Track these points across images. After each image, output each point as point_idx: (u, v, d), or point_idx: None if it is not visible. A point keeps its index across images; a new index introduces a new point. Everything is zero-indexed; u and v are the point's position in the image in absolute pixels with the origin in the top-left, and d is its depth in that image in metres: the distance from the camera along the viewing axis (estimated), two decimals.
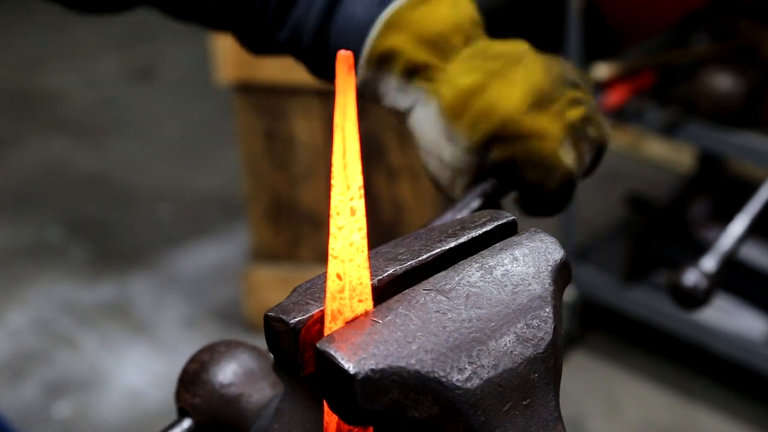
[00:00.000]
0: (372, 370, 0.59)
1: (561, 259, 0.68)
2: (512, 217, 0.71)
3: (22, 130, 4.01)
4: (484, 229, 0.70)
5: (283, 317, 0.64)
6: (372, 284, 0.64)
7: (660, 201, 2.88)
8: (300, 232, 2.93)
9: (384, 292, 0.65)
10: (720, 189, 2.87)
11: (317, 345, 0.61)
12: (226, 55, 2.73)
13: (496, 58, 0.93)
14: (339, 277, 0.61)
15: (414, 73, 0.95)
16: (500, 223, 0.71)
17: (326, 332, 0.63)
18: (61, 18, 1.04)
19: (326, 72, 1.04)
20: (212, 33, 1.13)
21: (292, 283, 0.90)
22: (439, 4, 0.95)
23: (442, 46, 0.94)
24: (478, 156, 0.92)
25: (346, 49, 0.91)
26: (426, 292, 0.65)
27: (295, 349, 0.64)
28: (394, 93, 0.96)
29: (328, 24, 1.00)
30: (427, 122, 0.94)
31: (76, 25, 4.53)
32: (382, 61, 0.96)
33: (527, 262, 0.67)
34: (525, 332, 0.64)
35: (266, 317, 0.66)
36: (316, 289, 0.66)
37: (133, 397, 2.80)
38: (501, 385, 0.62)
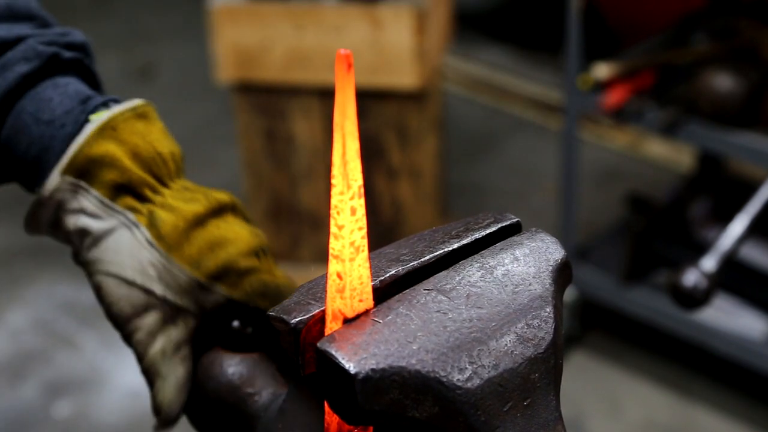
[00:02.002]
0: (372, 370, 0.59)
1: (562, 259, 0.68)
2: (516, 219, 0.71)
3: None
4: (488, 231, 0.70)
5: (284, 317, 0.64)
6: (374, 285, 0.64)
7: (660, 201, 2.88)
8: (300, 232, 2.93)
9: (386, 292, 0.65)
10: (720, 189, 2.87)
11: (317, 345, 0.61)
12: (226, 55, 2.73)
13: (207, 198, 0.83)
14: (340, 276, 0.61)
15: (122, 191, 0.82)
16: (504, 224, 0.71)
17: (327, 332, 0.63)
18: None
19: None
20: None
21: None
22: (154, 125, 0.86)
23: (157, 168, 0.83)
24: (198, 292, 0.81)
25: (27, 146, 0.83)
26: (427, 291, 0.64)
27: (296, 349, 0.64)
28: (90, 212, 0.82)
29: (12, 101, 0.85)
30: (132, 249, 0.81)
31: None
32: (85, 170, 0.82)
33: (528, 262, 0.67)
34: (525, 332, 0.63)
35: (268, 317, 0.66)
36: (318, 289, 0.66)
37: (133, 397, 2.80)
38: (501, 385, 0.61)
